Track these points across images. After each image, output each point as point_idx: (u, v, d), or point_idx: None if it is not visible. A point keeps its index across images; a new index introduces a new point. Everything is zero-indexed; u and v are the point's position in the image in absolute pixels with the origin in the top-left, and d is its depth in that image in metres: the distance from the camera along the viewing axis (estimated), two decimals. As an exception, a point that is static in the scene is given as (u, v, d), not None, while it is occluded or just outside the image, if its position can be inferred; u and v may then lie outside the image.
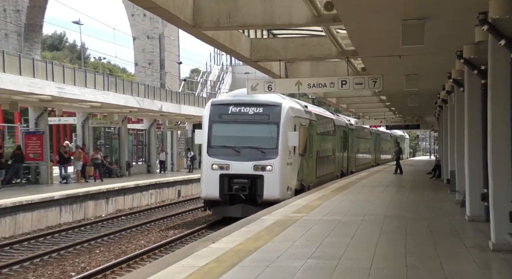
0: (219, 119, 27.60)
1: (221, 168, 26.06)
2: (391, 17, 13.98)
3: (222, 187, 26.09)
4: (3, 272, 19.66)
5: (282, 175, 25.98)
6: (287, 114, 27.19)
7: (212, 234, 15.31)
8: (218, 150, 26.87)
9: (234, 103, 28.27)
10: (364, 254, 12.23)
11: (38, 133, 40.26)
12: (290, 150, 27.43)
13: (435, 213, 19.99)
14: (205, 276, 10.14)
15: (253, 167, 25.79)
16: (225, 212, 26.48)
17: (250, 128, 27.30)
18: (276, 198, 25.07)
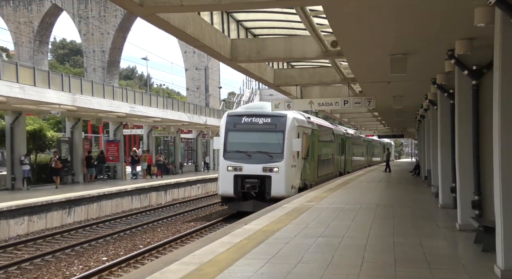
0: (234, 128, 25.37)
1: (235, 170, 24.00)
2: (382, 53, 13.97)
3: (236, 186, 24.02)
4: (92, 244, 20.06)
5: (287, 176, 23.87)
6: (291, 124, 24.94)
7: (245, 218, 15.35)
8: (232, 154, 24.62)
9: (246, 114, 26.05)
10: (361, 234, 12.26)
11: (115, 141, 41.48)
12: (294, 154, 25.13)
13: (415, 203, 19.87)
14: (240, 250, 10.24)
15: (262, 169, 23.79)
16: (239, 207, 24.25)
17: (259, 136, 24.96)
18: (282, 195, 23.18)
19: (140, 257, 17.24)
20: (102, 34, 73.88)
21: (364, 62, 16.14)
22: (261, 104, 28.66)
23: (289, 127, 24.72)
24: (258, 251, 10.17)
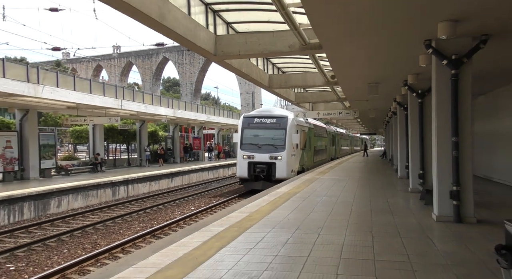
0: (248, 126, 22.03)
1: (249, 158, 20.90)
2: (362, 82, 13.94)
3: (249, 170, 20.91)
4: (187, 199, 19.90)
5: (288, 162, 20.74)
6: (291, 123, 21.68)
7: (278, 184, 15.34)
8: (247, 146, 21.40)
9: (257, 116, 22.49)
10: (350, 195, 12.18)
11: (198, 137, 41.38)
12: (293, 146, 21.81)
13: (383, 175, 19.69)
14: (274, 204, 10.28)
15: (269, 157, 20.75)
16: (252, 186, 21.14)
17: (267, 132, 21.70)
18: (284, 177, 20.23)
19: (214, 207, 17.39)
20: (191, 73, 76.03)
21: (351, 88, 16.13)
22: (269, 108, 25.30)
23: (290, 125, 21.57)
24: (286, 205, 10.22)
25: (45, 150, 21.85)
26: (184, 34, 9.94)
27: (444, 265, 5.28)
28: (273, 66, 19.39)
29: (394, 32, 7.76)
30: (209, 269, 5.06)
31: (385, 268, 5.10)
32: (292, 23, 9.39)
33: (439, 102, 8.11)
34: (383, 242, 6.40)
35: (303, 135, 23.83)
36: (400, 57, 9.82)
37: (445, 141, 8.00)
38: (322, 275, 4.84)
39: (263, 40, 11.85)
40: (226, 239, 6.60)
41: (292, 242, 6.42)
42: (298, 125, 22.89)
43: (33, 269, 9.50)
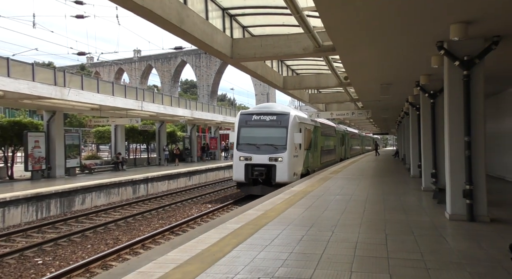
0: (245, 124, 19.20)
1: (246, 159, 18.20)
2: (375, 83, 13.78)
3: (247, 173, 18.15)
4: (202, 197, 19.93)
5: (289, 164, 18.00)
6: (293, 120, 18.71)
7: (292, 183, 15.28)
8: (244, 146, 18.69)
9: (256, 113, 19.61)
10: (363, 193, 12.09)
11: (215, 137, 41.29)
12: (296, 146, 18.99)
13: (396, 174, 19.46)
14: (289, 202, 10.24)
15: (268, 159, 18.08)
16: (250, 191, 18.55)
17: (266, 131, 18.90)
18: (285, 181, 17.39)
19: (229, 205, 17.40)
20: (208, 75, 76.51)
21: (364, 89, 15.97)
22: (269, 105, 21.99)
23: (291, 123, 18.55)
24: (300, 203, 10.18)
25: (70, 149, 22.19)
26: (202, 38, 9.97)
27: (458, 263, 5.17)
28: (288, 68, 19.33)
29: (407, 34, 7.65)
30: (226, 265, 5.05)
31: (398, 266, 5.01)
32: (307, 26, 9.33)
33: (451, 102, 7.95)
34: (397, 240, 6.30)
35: (307, 134, 21.07)
36: (413, 59, 9.67)
37: (458, 140, 7.84)
38: (337, 272, 4.79)
39: (278, 43, 11.82)
40: (242, 236, 6.58)
41: (306, 240, 6.37)
42: (302, 123, 20.10)
43: (59, 263, 9.64)
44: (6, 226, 13.64)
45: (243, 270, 4.86)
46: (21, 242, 11.74)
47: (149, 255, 5.53)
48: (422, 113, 12.89)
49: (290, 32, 12.03)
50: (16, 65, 16.21)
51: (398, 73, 11.92)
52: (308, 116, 22.47)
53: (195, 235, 6.63)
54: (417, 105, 15.00)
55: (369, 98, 18.81)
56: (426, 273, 4.77)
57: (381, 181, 15.93)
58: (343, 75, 16.19)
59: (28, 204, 14.65)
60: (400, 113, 24.38)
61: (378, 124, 44.86)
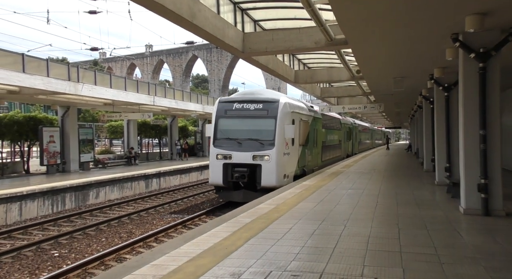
0: (225, 114, 15.53)
1: (225, 158, 14.79)
2: (387, 77, 13.64)
3: (226, 175, 14.71)
4: (210, 193, 19.79)
5: (278, 164, 14.40)
6: (283, 109, 14.96)
7: (304, 177, 15.20)
8: (222, 142, 15.17)
9: (238, 100, 15.73)
10: (375, 187, 12.02)
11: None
12: (287, 142, 15.19)
13: (409, 168, 19.29)
14: (300, 197, 10.22)
15: (252, 157, 14.55)
16: (229, 197, 15.11)
17: (250, 122, 15.27)
18: (273, 185, 13.95)
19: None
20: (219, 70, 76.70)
21: (377, 82, 15.81)
22: (255, 90, 17.81)
23: (281, 113, 14.85)
24: (312, 197, 10.15)
25: (84, 144, 22.46)
26: (213, 32, 9.96)
27: (472, 257, 5.11)
28: (299, 61, 19.24)
29: (421, 27, 7.53)
30: (238, 258, 5.07)
31: (412, 260, 4.98)
32: (318, 19, 9.26)
33: (466, 95, 7.82)
34: (410, 234, 6.25)
35: (303, 126, 17.19)
36: (427, 51, 9.53)
37: (473, 134, 7.72)
38: (349, 266, 4.77)
39: (290, 36, 11.76)
40: (254, 230, 6.60)
41: (318, 234, 6.36)
42: (295, 113, 16.10)
43: (75, 256, 9.80)
44: (23, 219, 13.90)
45: (255, 263, 4.87)
46: (38, 235, 11.95)
47: (162, 248, 5.58)
48: (436, 106, 12.73)
49: (302, 25, 11.96)
50: (31, 61, 16.42)
51: (411, 66, 11.77)
52: (305, 105, 18.53)
53: (207, 229, 6.66)
54: (430, 98, 14.82)
55: (382, 92, 18.64)
56: (440, 267, 4.73)
57: (394, 175, 15.81)
58: (355, 69, 16.06)
59: (44, 198, 14.89)
60: (413, 107, 24.10)
61: (391, 118, 44.47)
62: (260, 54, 12.55)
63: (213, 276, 4.42)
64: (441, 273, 4.53)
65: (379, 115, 42.83)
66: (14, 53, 16.14)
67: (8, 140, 21.92)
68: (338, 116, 27.95)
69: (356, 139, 36.54)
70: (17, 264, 9.22)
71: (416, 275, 4.46)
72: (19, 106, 40.28)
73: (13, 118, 20.87)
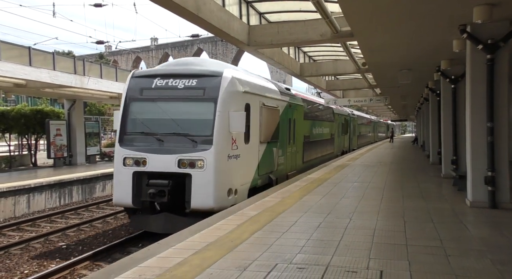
0: (139, 96, 9.60)
1: (136, 164, 9.03)
2: (393, 69, 13.55)
3: (137, 190, 9.07)
4: None
5: (220, 173, 8.76)
6: (229, 88, 9.17)
7: (311, 170, 15.05)
8: (133, 139, 9.39)
9: (160, 74, 9.71)
10: (381, 180, 11.99)
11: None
12: (236, 137, 9.35)
13: (415, 161, 19.22)
14: (306, 190, 10.20)
15: (178, 163, 8.77)
16: (144, 224, 9.42)
17: (177, 108, 9.31)
18: (210, 207, 8.60)
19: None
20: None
21: (383, 75, 15.72)
22: (187, 60, 11.17)
23: (226, 93, 9.24)
24: (317, 190, 10.12)
25: (90, 137, 22.57)
26: (218, 25, 9.91)
27: (479, 250, 5.08)
28: (304, 54, 19.13)
29: (428, 18, 7.45)
30: (244, 251, 5.08)
31: (418, 253, 4.96)
32: (324, 11, 9.17)
33: (474, 87, 7.74)
34: (416, 227, 6.23)
35: (268, 115, 11.47)
36: (433, 43, 9.43)
37: (480, 126, 7.66)
38: (355, 259, 4.77)
39: (295, 29, 11.68)
40: (260, 223, 6.61)
41: (324, 226, 6.36)
42: (252, 94, 10.34)
43: (82, 248, 9.89)
44: (31, 212, 14.03)
45: (261, 256, 4.88)
46: (46, 227, 12.06)
47: (168, 241, 5.61)
48: (443, 98, 12.63)
49: (307, 18, 11.86)
50: (37, 54, 16.47)
51: (418, 58, 11.67)
52: (275, 85, 13.12)
53: (213, 222, 6.68)
54: (437, 90, 14.72)
55: (388, 84, 18.53)
56: (446, 260, 4.71)
57: (400, 168, 15.75)
58: (361, 61, 15.95)
59: (51, 190, 15.01)
60: (420, 99, 23.94)
61: (397, 110, 44.27)
62: (265, 47, 12.48)
63: (219, 269, 4.43)
64: (447, 265, 4.52)
65: (385, 108, 42.67)
66: (20, 46, 16.19)
67: (16, 133, 22.07)
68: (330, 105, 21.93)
69: (354, 132, 31.27)
70: (26, 256, 9.32)
71: (422, 267, 4.44)
72: (26, 100, 40.51)
73: (20, 112, 20.99)
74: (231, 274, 4.28)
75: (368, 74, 19.05)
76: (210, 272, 4.33)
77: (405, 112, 45.60)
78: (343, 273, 4.29)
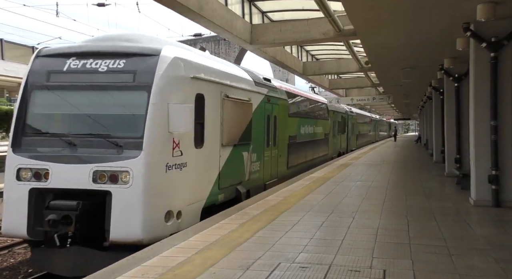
0: (45, 82, 6.25)
1: (36, 177, 5.81)
2: (396, 68, 13.52)
3: (36, 215, 5.80)
4: None
5: (153, 190, 5.82)
6: (170, 71, 6.19)
7: (311, 170, 14.95)
8: (32, 142, 6.11)
9: (76, 52, 6.40)
10: (384, 179, 11.94)
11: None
12: (179, 140, 6.32)
13: (418, 160, 19.13)
14: (308, 189, 10.14)
15: (92, 176, 5.75)
16: (47, 262, 5.94)
17: (96, 99, 6.15)
18: (137, 239, 5.69)
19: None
20: (226, 62, 77.08)
21: (386, 73, 15.67)
22: (118, 35, 7.31)
23: (164, 78, 6.22)
24: (320, 189, 10.07)
25: None
26: (221, 24, 9.91)
27: (482, 249, 5.05)
28: (307, 53, 19.13)
29: (431, 16, 7.41)
30: (247, 250, 5.08)
31: (421, 252, 4.94)
32: (327, 10, 9.16)
33: (477, 85, 7.71)
34: (419, 226, 6.21)
35: (234, 109, 8.76)
36: (437, 41, 9.39)
37: (484, 125, 7.63)
38: (357, 257, 4.75)
39: (298, 28, 11.67)
40: (262, 222, 6.60)
41: (327, 226, 6.34)
42: (203, 82, 7.43)
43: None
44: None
45: (264, 255, 4.87)
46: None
47: (171, 240, 5.61)
48: (446, 97, 12.60)
49: (310, 16, 11.86)
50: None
51: (421, 57, 11.62)
52: (247, 73, 10.10)
53: (216, 221, 6.68)
54: (440, 89, 14.67)
55: (391, 83, 18.49)
56: (449, 259, 4.69)
57: (403, 166, 15.69)
58: (364, 60, 15.94)
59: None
60: (423, 98, 23.88)
61: (400, 109, 44.18)
62: (268, 46, 12.49)
63: (222, 268, 4.43)
64: (451, 264, 4.49)
65: (388, 107, 42.61)
66: (24, 46, 16.24)
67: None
68: (323, 99, 19.45)
69: (353, 132, 28.83)
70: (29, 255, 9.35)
71: (425, 266, 4.42)
72: None
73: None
74: (233, 273, 4.27)
75: (371, 73, 19.03)
76: (213, 271, 4.33)
77: (408, 111, 45.52)
78: (346, 272, 4.28)
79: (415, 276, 4.13)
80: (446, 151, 12.69)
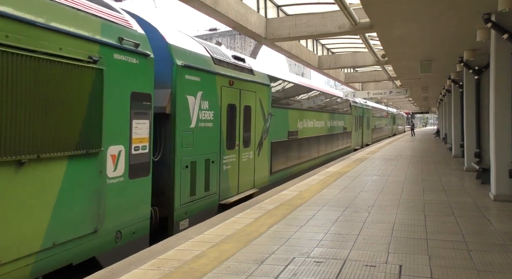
0: None
1: None
2: (414, 60, 13.31)
3: None
4: None
5: None
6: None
7: (327, 164, 14.93)
8: None
9: None
10: (401, 173, 11.82)
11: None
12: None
13: (436, 154, 18.83)
14: (324, 183, 10.11)
15: None
16: None
17: None
18: None
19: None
20: (242, 56, 77.10)
21: (403, 66, 15.44)
22: None
23: None
24: (336, 183, 10.04)
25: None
26: (236, 18, 9.89)
27: (502, 245, 4.95)
28: (323, 47, 18.96)
29: (450, 7, 7.25)
30: (261, 244, 5.09)
31: (438, 247, 4.87)
32: (342, 3, 9.04)
33: (498, 78, 7.53)
34: (436, 221, 6.12)
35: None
36: (456, 33, 9.19)
37: (505, 118, 7.46)
38: (373, 253, 4.71)
39: (313, 21, 11.56)
40: (277, 216, 6.60)
41: (342, 220, 6.30)
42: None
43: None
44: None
45: (278, 249, 4.88)
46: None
47: (186, 234, 5.66)
48: (466, 90, 12.34)
49: (326, 10, 11.72)
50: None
51: (440, 49, 11.39)
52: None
53: (231, 215, 6.71)
54: (460, 82, 14.39)
55: (408, 76, 18.21)
56: (467, 254, 4.61)
57: (421, 161, 15.48)
58: (381, 53, 15.69)
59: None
60: (442, 91, 23.48)
61: (418, 102, 43.52)
62: (283, 40, 12.40)
63: (236, 262, 4.45)
64: (469, 260, 4.42)
65: (405, 100, 41.97)
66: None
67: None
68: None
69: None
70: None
71: (442, 262, 4.36)
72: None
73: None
74: (248, 267, 4.28)
75: (388, 66, 18.76)
76: (228, 265, 4.35)
77: (426, 104, 44.81)
78: (361, 267, 4.25)
79: (432, 272, 4.08)
80: (465, 145, 12.47)
